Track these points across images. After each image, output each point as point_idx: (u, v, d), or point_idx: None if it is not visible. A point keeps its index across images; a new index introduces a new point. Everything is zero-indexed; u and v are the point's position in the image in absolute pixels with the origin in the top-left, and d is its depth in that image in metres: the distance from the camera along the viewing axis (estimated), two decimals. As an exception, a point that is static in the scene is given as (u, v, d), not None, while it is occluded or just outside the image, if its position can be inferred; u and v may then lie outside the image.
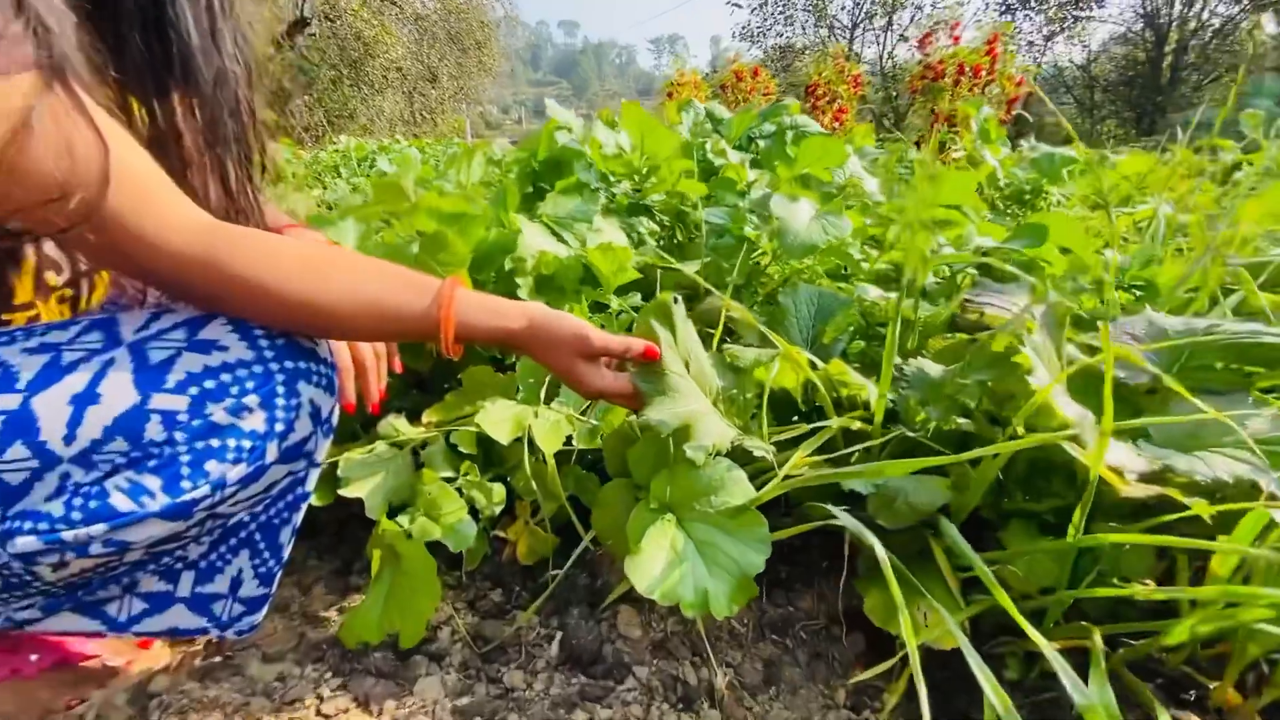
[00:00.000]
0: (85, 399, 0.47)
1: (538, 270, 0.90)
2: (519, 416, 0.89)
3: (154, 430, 0.48)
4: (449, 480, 0.87)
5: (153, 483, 0.48)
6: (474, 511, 0.88)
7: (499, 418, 0.87)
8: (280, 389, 0.52)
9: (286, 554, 0.65)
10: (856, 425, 0.80)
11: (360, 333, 0.59)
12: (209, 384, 0.49)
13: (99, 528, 0.47)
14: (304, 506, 0.64)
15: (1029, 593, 0.68)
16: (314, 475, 0.63)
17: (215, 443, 0.49)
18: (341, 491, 0.87)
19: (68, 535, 0.47)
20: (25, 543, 0.46)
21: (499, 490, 0.88)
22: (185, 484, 0.48)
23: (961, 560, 0.70)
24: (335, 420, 0.60)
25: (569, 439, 0.91)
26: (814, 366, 0.84)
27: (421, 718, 0.69)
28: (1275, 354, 0.75)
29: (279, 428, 0.52)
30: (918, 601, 0.69)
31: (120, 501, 0.47)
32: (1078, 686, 0.48)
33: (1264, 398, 0.71)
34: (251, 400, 0.50)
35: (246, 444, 0.50)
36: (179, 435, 0.48)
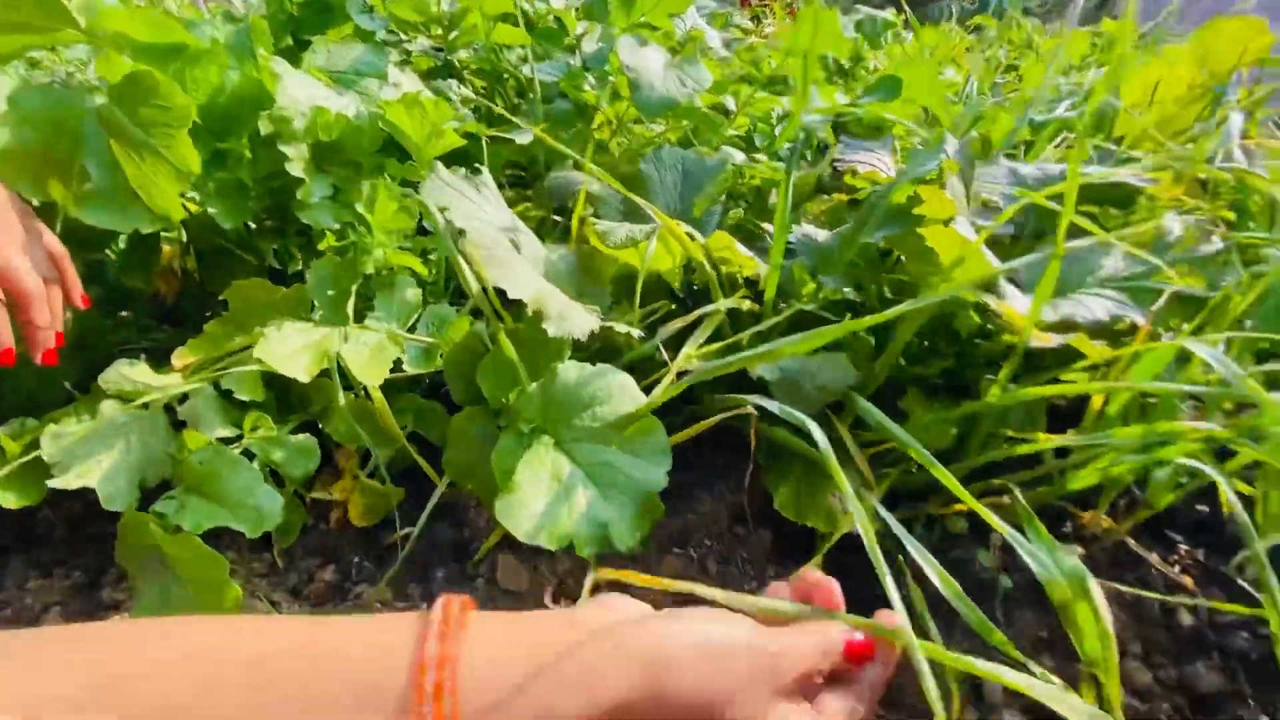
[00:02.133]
0: None
1: (314, 134, 0.64)
2: (321, 343, 0.66)
3: None
4: (228, 441, 0.63)
5: None
6: (276, 476, 0.66)
7: (291, 348, 0.63)
8: None
9: None
10: (746, 305, 0.70)
11: None
12: None
13: None
14: None
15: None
16: None
17: None
18: (54, 483, 0.59)
19: None
20: None
21: (308, 443, 0.65)
22: None
23: (867, 436, 0.66)
24: None
25: (398, 363, 0.70)
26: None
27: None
28: (1126, 195, 0.77)
29: None
30: (829, 487, 0.64)
31: None
32: (1037, 558, 0.44)
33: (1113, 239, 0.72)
34: None
35: None
36: None
